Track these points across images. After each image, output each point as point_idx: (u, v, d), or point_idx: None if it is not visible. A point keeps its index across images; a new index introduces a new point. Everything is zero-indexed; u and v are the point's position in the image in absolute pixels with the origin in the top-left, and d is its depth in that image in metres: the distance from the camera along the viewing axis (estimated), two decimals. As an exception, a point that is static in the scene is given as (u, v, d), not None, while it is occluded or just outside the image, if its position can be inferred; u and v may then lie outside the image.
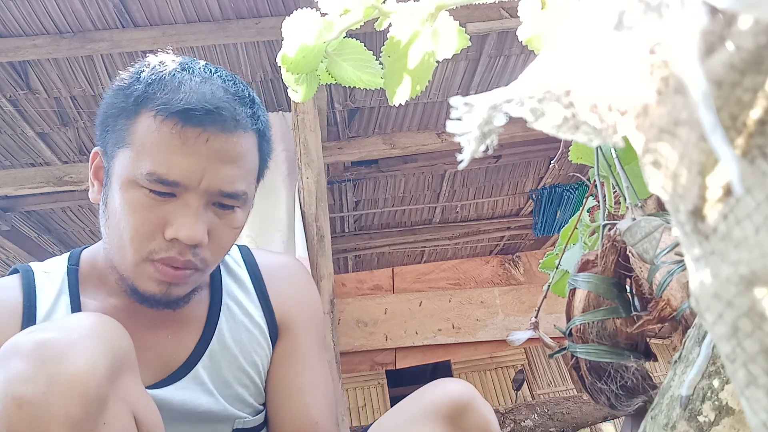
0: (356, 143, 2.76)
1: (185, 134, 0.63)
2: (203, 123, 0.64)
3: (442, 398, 0.73)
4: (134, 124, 0.65)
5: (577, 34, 0.27)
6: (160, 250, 0.65)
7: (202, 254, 0.67)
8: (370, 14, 0.47)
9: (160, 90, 0.65)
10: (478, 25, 2.17)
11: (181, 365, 0.74)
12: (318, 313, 0.88)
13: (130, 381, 0.59)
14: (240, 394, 0.77)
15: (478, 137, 0.26)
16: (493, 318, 4.09)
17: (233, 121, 0.66)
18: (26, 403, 0.48)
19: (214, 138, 0.65)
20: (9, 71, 2.21)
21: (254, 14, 2.15)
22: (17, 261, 3.41)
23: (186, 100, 0.64)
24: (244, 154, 0.68)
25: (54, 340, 0.53)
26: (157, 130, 0.64)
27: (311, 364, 0.81)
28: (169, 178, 0.63)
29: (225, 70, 0.73)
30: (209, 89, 0.66)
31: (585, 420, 2.21)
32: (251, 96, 0.71)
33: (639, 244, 0.58)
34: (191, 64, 0.69)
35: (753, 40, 0.19)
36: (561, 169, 3.27)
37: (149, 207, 0.65)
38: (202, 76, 0.67)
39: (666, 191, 0.24)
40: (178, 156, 0.63)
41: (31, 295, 0.71)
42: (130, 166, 0.65)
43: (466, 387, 0.75)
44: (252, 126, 0.69)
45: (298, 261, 0.94)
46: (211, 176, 0.65)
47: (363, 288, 4.21)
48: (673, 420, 0.41)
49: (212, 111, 0.64)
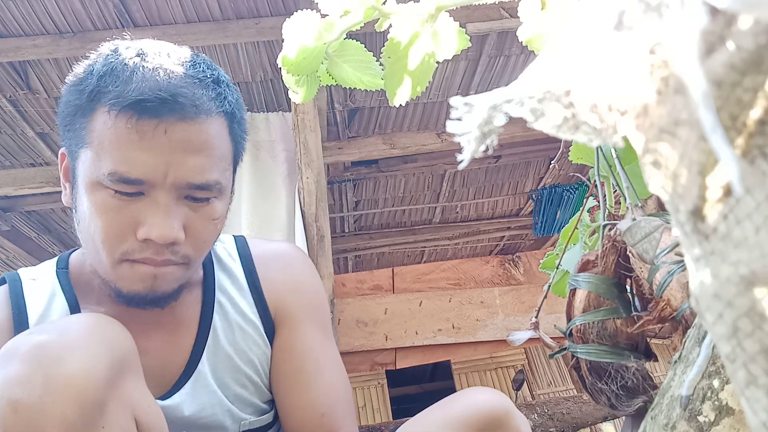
0: (356, 143, 2.76)
1: (141, 127, 0.59)
2: (159, 113, 0.59)
3: (473, 410, 0.68)
4: (91, 121, 0.62)
5: (577, 34, 0.27)
6: (134, 251, 0.62)
7: (182, 251, 0.64)
8: (371, 15, 0.47)
9: (111, 82, 0.60)
10: (478, 25, 2.17)
11: (183, 370, 0.72)
12: (317, 298, 0.83)
13: (132, 383, 0.58)
14: (240, 394, 0.75)
15: (478, 137, 0.26)
16: (493, 318, 4.09)
17: (193, 107, 0.61)
18: (22, 406, 0.48)
19: (173, 128, 0.60)
20: (9, 71, 2.21)
21: (254, 14, 2.15)
22: (17, 261, 3.41)
23: (138, 90, 0.59)
24: (211, 140, 0.63)
25: (51, 342, 0.52)
26: (113, 126, 0.60)
27: (312, 354, 0.77)
28: (131, 176, 0.59)
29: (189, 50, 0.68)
30: (163, 75, 0.60)
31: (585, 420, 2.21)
32: (216, 76, 0.66)
33: (639, 245, 0.58)
34: (147, 48, 0.64)
35: (753, 40, 0.20)
36: (561, 169, 3.27)
37: (117, 208, 0.61)
38: (156, 61, 0.62)
39: (666, 191, 0.24)
40: (138, 152, 0.59)
41: (19, 302, 0.69)
42: (92, 166, 0.61)
43: (501, 398, 0.70)
44: (218, 109, 0.64)
45: (296, 247, 0.89)
46: (177, 169, 0.61)
47: (363, 288, 4.21)
48: (673, 420, 0.41)
49: (167, 99, 0.59)
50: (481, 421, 0.67)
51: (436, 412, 0.71)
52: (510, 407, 0.69)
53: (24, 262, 3.40)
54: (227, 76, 0.70)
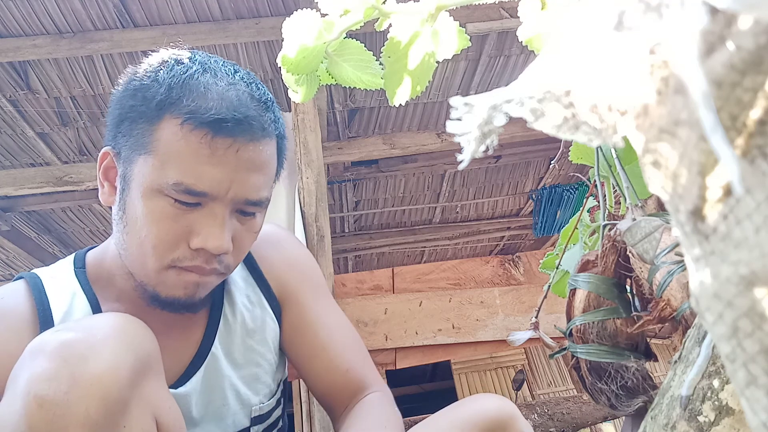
0: (356, 143, 2.76)
1: (215, 145, 0.62)
2: (234, 133, 0.62)
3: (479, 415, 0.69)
4: (157, 130, 0.63)
5: (576, 34, 0.27)
6: (184, 258, 0.64)
7: (226, 261, 0.67)
8: (371, 15, 0.47)
9: (185, 95, 0.62)
10: (478, 25, 2.17)
11: (193, 358, 0.74)
12: (311, 268, 0.87)
13: (154, 384, 0.58)
14: (255, 373, 0.78)
15: (478, 137, 0.26)
16: (493, 318, 4.09)
17: (261, 129, 0.65)
18: (47, 402, 0.48)
19: (245, 148, 0.63)
20: (9, 71, 2.21)
21: (254, 14, 2.15)
22: (17, 261, 3.42)
23: (216, 109, 0.61)
24: (269, 160, 0.67)
25: (78, 340, 0.53)
26: (184, 138, 0.62)
27: (322, 321, 0.82)
28: (197, 188, 0.62)
29: (241, 68, 0.71)
30: (236, 95, 0.64)
31: (585, 420, 2.21)
32: (271, 99, 0.70)
33: (639, 245, 0.58)
34: (210, 63, 0.67)
35: (753, 40, 0.19)
36: (561, 169, 3.27)
37: (174, 216, 0.63)
38: (227, 80, 0.65)
39: (666, 191, 0.24)
40: (208, 166, 0.62)
41: (43, 300, 0.69)
42: (154, 174, 0.62)
43: (506, 404, 0.71)
44: (275, 131, 0.68)
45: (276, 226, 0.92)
46: (239, 186, 0.64)
47: (363, 288, 4.21)
48: (673, 420, 0.41)
49: (242, 121, 0.62)
50: (487, 426, 0.68)
51: (442, 417, 0.72)
52: (515, 413, 0.70)
53: (24, 262, 3.40)
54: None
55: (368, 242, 3.85)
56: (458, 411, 0.71)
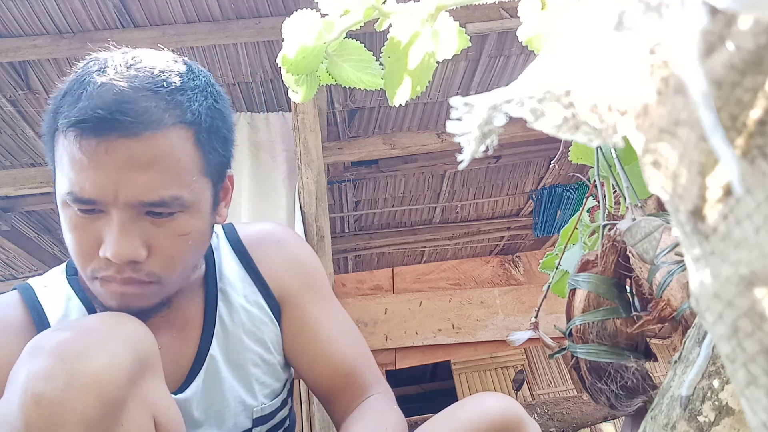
0: (356, 143, 2.76)
1: (85, 147, 0.58)
2: (98, 132, 0.57)
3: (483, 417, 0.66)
4: (56, 142, 0.62)
5: (576, 34, 0.27)
6: (99, 268, 0.62)
7: (146, 268, 0.62)
8: (371, 15, 0.47)
9: (66, 102, 0.60)
10: (478, 25, 2.17)
11: (193, 361, 0.73)
12: (313, 268, 0.84)
13: (152, 383, 0.58)
14: (255, 374, 0.77)
15: (478, 137, 0.26)
16: (493, 318, 4.09)
17: (135, 123, 0.58)
18: (44, 400, 0.49)
19: (114, 146, 0.58)
20: (9, 71, 2.21)
21: (254, 14, 2.15)
22: (17, 261, 3.42)
23: (81, 110, 0.57)
24: (163, 155, 0.60)
25: (76, 339, 0.53)
26: (66, 146, 0.59)
27: (323, 324, 0.80)
28: (84, 196, 0.59)
29: (164, 57, 0.65)
30: (110, 91, 0.58)
31: (585, 420, 2.21)
32: (180, 84, 0.62)
33: (639, 245, 0.58)
34: (111, 60, 0.62)
35: (753, 40, 0.19)
36: (561, 169, 3.27)
37: (82, 226, 0.61)
38: (110, 75, 0.60)
39: (666, 191, 0.24)
40: (87, 172, 0.58)
41: (36, 306, 0.69)
42: (59, 185, 0.62)
43: (512, 404, 0.69)
44: (174, 120, 0.61)
45: (279, 224, 0.89)
46: (127, 187, 0.59)
47: (363, 288, 4.21)
48: (673, 420, 0.41)
49: (106, 117, 0.57)
50: (493, 427, 0.66)
51: (444, 418, 0.70)
52: (522, 414, 0.68)
53: (24, 262, 3.40)
54: (204, 80, 0.67)
55: (368, 242, 3.85)
56: (462, 413, 0.69)
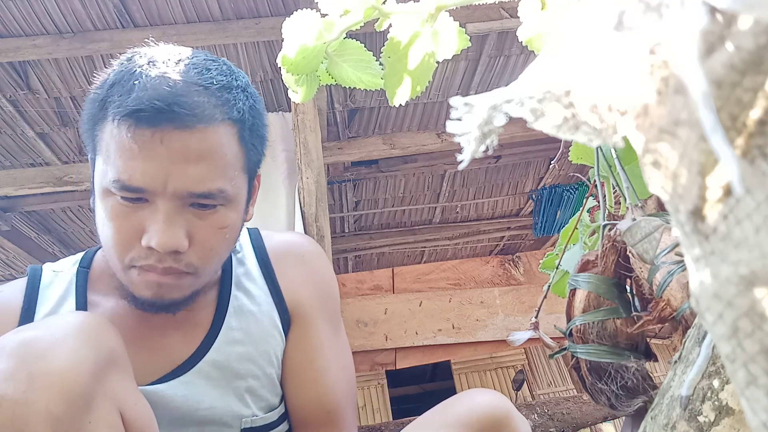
0: (356, 143, 2.76)
1: (139, 137, 0.60)
2: (154, 122, 0.59)
3: (473, 412, 0.68)
4: (101, 131, 0.63)
5: (576, 34, 0.27)
6: (139, 257, 0.63)
7: (186, 259, 0.64)
8: (371, 15, 0.47)
9: (117, 92, 0.62)
10: (478, 25, 2.17)
11: (186, 360, 0.73)
12: (329, 292, 0.84)
13: (119, 380, 0.58)
14: (252, 386, 0.76)
15: (478, 137, 0.26)
16: (493, 318, 4.09)
17: (191, 116, 0.60)
18: (6, 402, 0.49)
19: (170, 137, 0.60)
20: (9, 71, 2.21)
21: (254, 14, 2.15)
22: (17, 261, 3.41)
23: (137, 100, 0.59)
24: (213, 148, 0.63)
25: (37, 338, 0.53)
26: (116, 135, 0.61)
27: (324, 350, 0.79)
28: (132, 184, 0.61)
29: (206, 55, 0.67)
30: (164, 84, 0.60)
31: (585, 420, 2.21)
32: (226, 82, 0.65)
33: (639, 245, 0.58)
34: (159, 55, 0.64)
35: (753, 40, 0.19)
36: (561, 169, 3.27)
37: (124, 215, 0.63)
38: (161, 69, 0.62)
39: (666, 191, 0.24)
40: (138, 161, 0.60)
41: (32, 297, 0.70)
42: (102, 173, 0.63)
43: (501, 400, 0.70)
44: (223, 116, 0.64)
45: (308, 238, 0.89)
46: (177, 178, 0.61)
47: (363, 288, 4.21)
48: (673, 420, 0.41)
49: (163, 108, 0.59)
50: (481, 422, 0.67)
51: (436, 414, 0.71)
52: (510, 409, 0.69)
53: (24, 262, 3.40)
54: (244, 80, 0.69)
55: (368, 242, 3.85)
56: (451, 409, 0.70)
